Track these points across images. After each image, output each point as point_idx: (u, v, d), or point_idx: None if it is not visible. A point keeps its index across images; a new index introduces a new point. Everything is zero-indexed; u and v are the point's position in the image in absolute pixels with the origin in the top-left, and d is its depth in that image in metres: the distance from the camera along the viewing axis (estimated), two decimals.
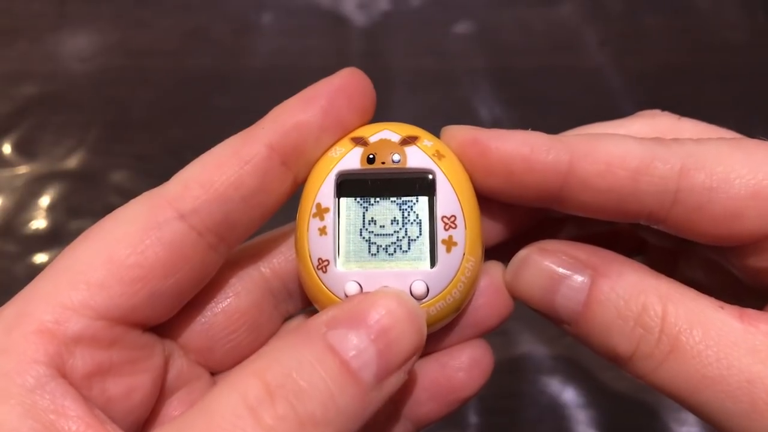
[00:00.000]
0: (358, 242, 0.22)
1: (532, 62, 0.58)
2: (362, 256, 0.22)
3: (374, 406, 0.19)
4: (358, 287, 0.22)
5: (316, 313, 0.24)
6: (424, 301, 0.22)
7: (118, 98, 0.56)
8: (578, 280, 0.22)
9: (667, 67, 0.58)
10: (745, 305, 0.21)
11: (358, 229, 0.22)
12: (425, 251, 0.22)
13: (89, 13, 0.60)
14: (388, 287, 0.21)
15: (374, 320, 0.19)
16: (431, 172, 0.22)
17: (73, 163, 0.53)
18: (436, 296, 0.22)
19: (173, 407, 0.23)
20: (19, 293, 0.20)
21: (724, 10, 0.60)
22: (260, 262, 0.25)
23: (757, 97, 0.55)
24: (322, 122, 0.22)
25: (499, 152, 0.22)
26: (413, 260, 0.22)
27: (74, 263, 0.20)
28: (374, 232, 0.22)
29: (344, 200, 0.23)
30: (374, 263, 0.22)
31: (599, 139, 0.21)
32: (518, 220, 0.25)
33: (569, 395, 0.44)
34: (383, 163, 0.22)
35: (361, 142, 0.23)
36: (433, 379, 0.24)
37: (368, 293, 0.21)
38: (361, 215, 0.22)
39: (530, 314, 0.24)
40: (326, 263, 0.22)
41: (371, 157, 0.22)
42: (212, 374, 0.25)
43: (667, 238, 0.23)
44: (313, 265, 0.22)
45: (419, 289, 0.22)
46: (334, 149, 0.23)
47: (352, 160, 0.22)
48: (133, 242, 0.20)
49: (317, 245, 0.22)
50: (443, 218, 0.22)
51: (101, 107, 0.56)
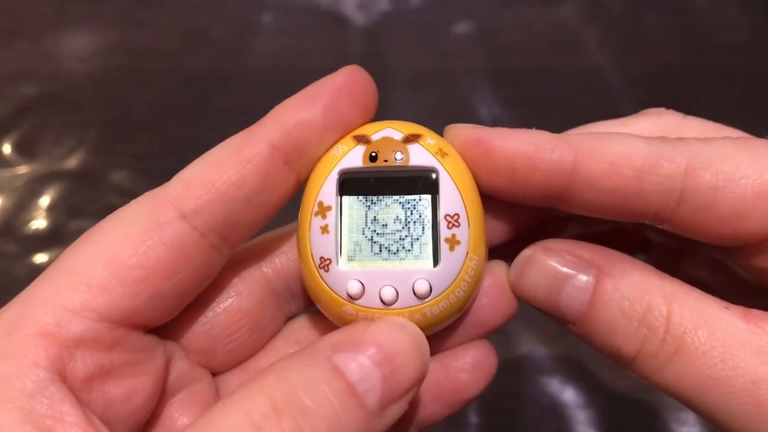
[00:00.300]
0: (360, 241, 0.22)
1: (532, 62, 0.58)
2: (365, 254, 0.22)
3: None
4: (360, 286, 0.22)
5: (318, 313, 0.24)
6: (427, 300, 0.22)
7: (118, 98, 0.56)
8: (582, 279, 0.21)
9: (667, 67, 0.58)
10: (750, 305, 0.20)
11: (360, 227, 0.22)
12: (428, 250, 0.22)
13: (89, 13, 0.60)
14: (392, 318, 0.21)
15: (380, 347, 0.19)
16: (434, 170, 0.22)
17: (73, 163, 0.53)
18: (439, 295, 0.22)
19: (174, 408, 0.23)
20: (19, 295, 0.20)
21: (724, 10, 0.60)
22: (262, 261, 0.24)
23: (757, 97, 0.55)
24: (324, 121, 0.22)
25: (502, 151, 0.22)
26: (416, 259, 0.22)
27: (75, 264, 0.20)
28: (377, 230, 0.22)
29: (347, 198, 0.22)
30: (377, 262, 0.22)
31: (604, 137, 0.21)
32: (522, 219, 0.25)
33: (569, 395, 0.43)
34: (386, 161, 0.22)
35: (363, 140, 0.22)
36: (436, 380, 0.24)
37: (373, 321, 0.21)
38: (363, 213, 0.22)
39: (530, 314, 0.24)
40: (328, 262, 0.22)
41: (374, 155, 0.22)
42: (213, 375, 0.25)
43: (671, 237, 0.23)
44: (315, 264, 0.22)
45: (422, 287, 0.21)
46: (336, 147, 0.23)
47: (354, 158, 0.22)
48: (134, 243, 0.20)
49: (319, 244, 0.22)
50: (446, 216, 0.22)
51: (101, 107, 0.56)
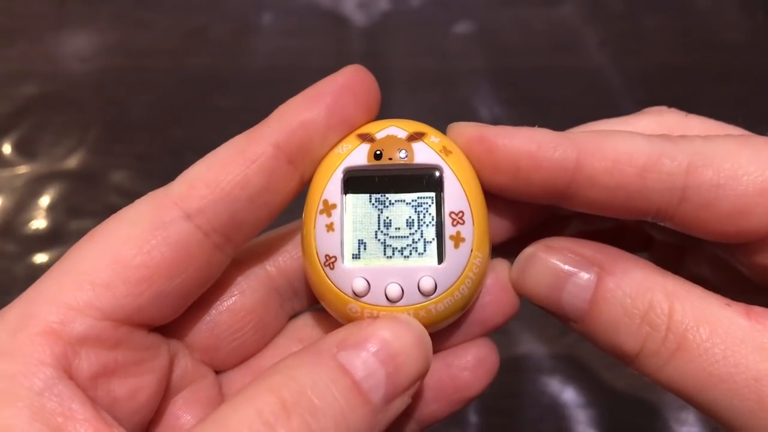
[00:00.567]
0: (365, 239, 0.22)
1: (532, 62, 0.58)
2: (370, 252, 0.22)
3: (380, 427, 0.20)
4: (365, 283, 0.22)
5: (320, 310, 0.24)
6: (432, 297, 0.22)
7: (118, 98, 0.56)
8: (584, 277, 0.22)
9: (667, 67, 0.58)
10: (752, 302, 0.20)
11: (365, 225, 0.22)
12: (433, 247, 0.22)
13: (89, 13, 0.60)
14: (396, 314, 0.21)
15: (384, 344, 0.20)
16: (438, 168, 0.22)
17: (73, 163, 0.53)
18: (444, 292, 0.22)
19: (178, 406, 0.23)
20: (22, 294, 0.20)
21: (724, 10, 0.60)
22: (266, 260, 0.24)
23: (757, 97, 0.55)
24: (327, 120, 0.22)
25: (506, 149, 0.22)
26: (421, 256, 0.22)
27: (79, 263, 0.20)
28: (382, 228, 0.22)
29: (351, 197, 0.22)
30: (382, 260, 0.22)
31: (607, 136, 0.21)
32: (524, 217, 0.25)
33: (569, 395, 0.43)
34: (390, 159, 0.22)
35: (367, 138, 0.22)
36: (438, 378, 0.24)
37: (377, 318, 0.21)
38: (368, 211, 0.22)
39: (531, 314, 0.24)
40: (333, 260, 0.22)
41: (378, 153, 0.22)
42: (217, 373, 0.25)
43: (673, 234, 0.23)
44: (320, 261, 0.22)
45: (427, 285, 0.22)
46: (340, 146, 0.23)
47: (358, 156, 0.22)
48: (138, 242, 0.20)
49: (324, 242, 0.22)
50: (451, 214, 0.22)
51: (101, 107, 0.56)
